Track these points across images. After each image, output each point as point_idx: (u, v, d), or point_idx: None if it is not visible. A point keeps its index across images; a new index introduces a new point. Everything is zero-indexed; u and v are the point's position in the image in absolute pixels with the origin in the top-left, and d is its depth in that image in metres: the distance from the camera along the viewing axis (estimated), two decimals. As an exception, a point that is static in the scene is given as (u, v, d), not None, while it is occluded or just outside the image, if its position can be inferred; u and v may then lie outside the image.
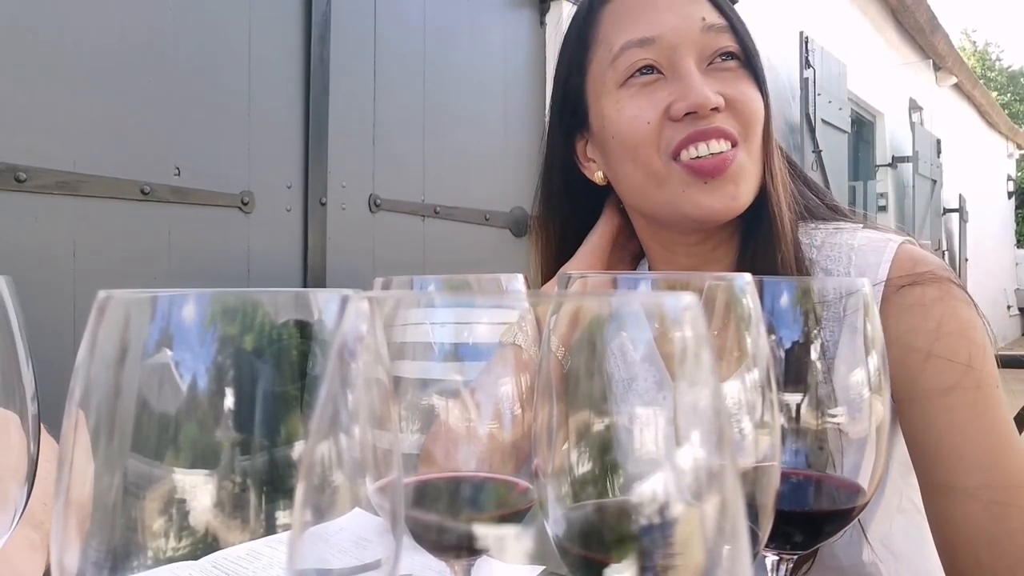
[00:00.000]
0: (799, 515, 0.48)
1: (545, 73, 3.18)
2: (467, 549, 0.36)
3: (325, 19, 2.35)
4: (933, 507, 0.76)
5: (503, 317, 0.41)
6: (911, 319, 0.77)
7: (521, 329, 0.40)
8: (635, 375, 0.29)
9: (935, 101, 9.39)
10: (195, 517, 0.29)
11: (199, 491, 0.29)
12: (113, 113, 1.88)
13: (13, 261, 1.69)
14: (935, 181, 8.99)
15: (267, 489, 0.30)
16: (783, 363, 0.47)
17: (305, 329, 0.31)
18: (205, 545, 0.29)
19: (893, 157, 8.05)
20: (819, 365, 0.47)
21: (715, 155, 0.83)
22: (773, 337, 0.47)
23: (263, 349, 0.30)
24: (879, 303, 0.78)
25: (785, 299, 0.47)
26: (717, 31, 0.85)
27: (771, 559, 0.48)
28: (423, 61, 2.69)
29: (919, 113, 8.82)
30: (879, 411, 0.47)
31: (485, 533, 0.36)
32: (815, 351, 0.47)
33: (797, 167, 0.96)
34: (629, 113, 0.87)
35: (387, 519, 0.28)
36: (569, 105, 0.95)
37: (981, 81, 12.47)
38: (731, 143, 0.83)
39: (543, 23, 3.19)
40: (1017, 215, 17.28)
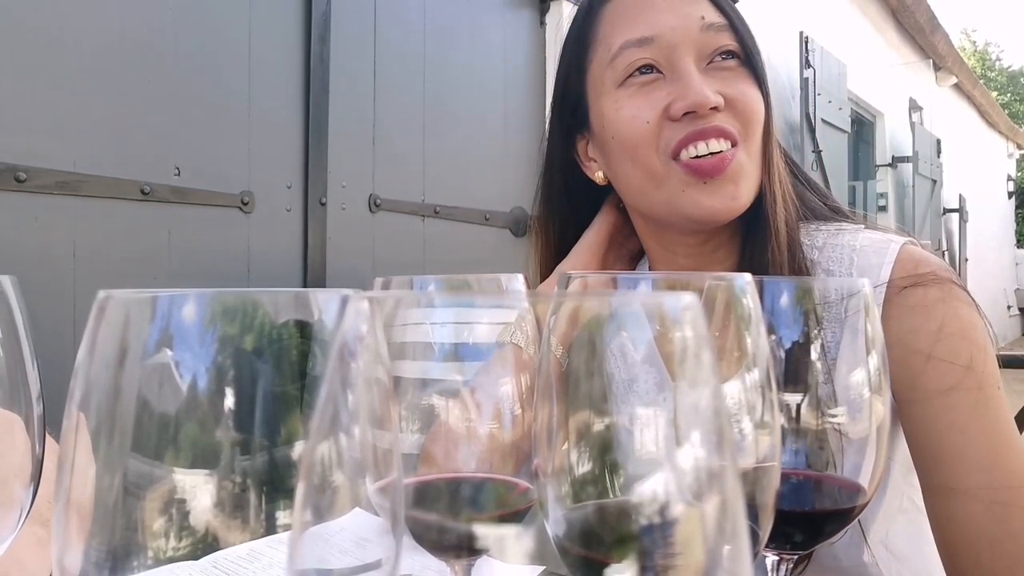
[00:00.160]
0: (799, 515, 0.48)
1: (545, 73, 3.18)
2: (467, 549, 0.36)
3: (325, 19, 2.35)
4: (934, 507, 0.76)
5: (503, 317, 0.41)
6: (913, 320, 0.77)
7: (520, 328, 0.40)
8: (635, 375, 0.29)
9: (935, 101, 9.39)
10: (195, 517, 0.29)
11: (199, 491, 0.29)
12: (113, 113, 1.87)
13: (13, 261, 1.69)
14: (935, 181, 8.99)
15: (267, 489, 0.30)
16: (783, 363, 0.47)
17: (305, 329, 0.31)
18: (205, 545, 0.29)
19: (893, 157, 8.05)
20: (819, 365, 0.47)
21: (714, 154, 0.83)
22: (773, 337, 0.47)
23: (263, 349, 0.30)
24: (881, 304, 0.78)
25: (785, 299, 0.47)
26: (716, 30, 0.85)
27: (771, 559, 0.48)
28: (423, 61, 2.69)
29: (919, 113, 8.82)
30: (879, 411, 0.47)
31: (485, 533, 0.36)
32: (815, 351, 0.47)
33: (799, 168, 0.96)
34: (628, 113, 0.87)
35: (387, 519, 0.28)
36: (569, 105, 0.94)
37: (981, 81, 12.46)
38: (731, 142, 0.83)
39: (543, 23, 3.19)
40: (1017, 215, 17.28)
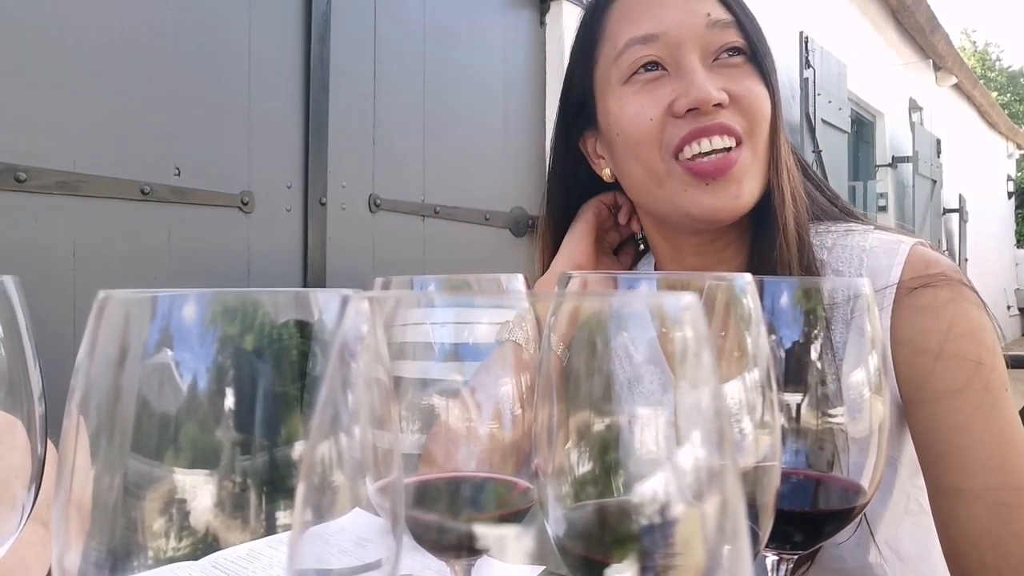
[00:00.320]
0: (799, 515, 0.48)
1: (545, 73, 3.18)
2: (467, 549, 0.36)
3: (325, 19, 2.35)
4: (940, 508, 0.76)
5: (503, 317, 0.41)
6: (923, 320, 0.77)
7: (519, 327, 0.40)
8: (636, 375, 0.29)
9: (935, 101, 9.39)
10: (195, 517, 0.29)
11: (199, 491, 0.29)
12: (113, 113, 1.87)
13: (13, 261, 1.69)
14: (935, 181, 8.99)
15: (267, 489, 0.30)
16: (783, 363, 0.47)
17: (305, 329, 0.31)
18: (205, 545, 0.29)
19: (893, 157, 8.05)
20: (819, 365, 0.47)
21: (717, 152, 0.82)
22: (773, 337, 0.47)
23: (263, 349, 0.30)
24: (891, 305, 0.78)
25: (785, 299, 0.47)
26: (723, 26, 0.84)
27: (771, 559, 0.48)
28: (423, 61, 2.69)
29: (919, 113, 8.81)
30: (879, 411, 0.47)
31: (485, 533, 0.36)
32: (815, 351, 0.47)
33: (809, 168, 0.95)
34: (631, 110, 0.86)
35: (387, 519, 0.28)
36: (578, 102, 0.94)
37: (981, 81, 12.46)
38: (735, 140, 0.83)
39: (543, 23, 3.19)
40: (1017, 215, 17.28)
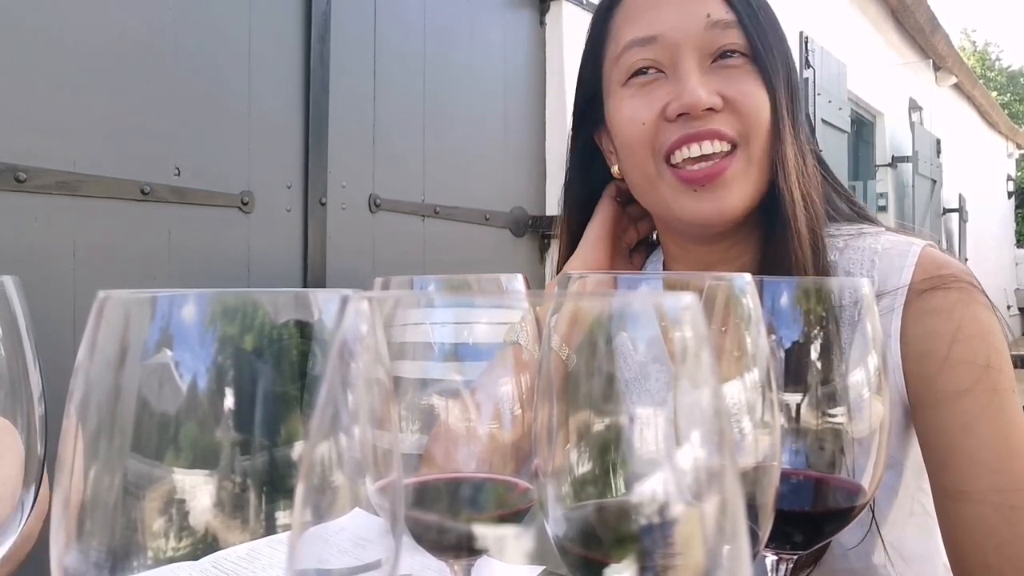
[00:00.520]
0: (799, 515, 0.48)
1: (545, 73, 3.17)
2: (467, 549, 0.36)
3: (325, 19, 2.35)
4: (945, 510, 0.75)
5: (503, 317, 0.41)
6: (933, 322, 0.77)
7: (524, 328, 0.40)
8: (635, 375, 0.29)
9: (935, 101, 9.38)
10: (195, 517, 0.29)
11: (199, 491, 0.29)
12: (113, 113, 1.87)
13: (13, 261, 1.69)
14: (935, 181, 8.99)
15: (267, 489, 0.30)
16: (783, 363, 0.47)
17: (305, 329, 0.31)
18: (205, 545, 0.29)
19: (893, 157, 8.04)
20: (819, 365, 0.47)
21: (707, 157, 0.82)
22: (773, 337, 0.47)
23: (263, 349, 0.30)
24: (902, 307, 0.78)
25: (785, 299, 0.47)
26: (723, 27, 0.83)
27: (771, 559, 0.48)
28: (423, 61, 2.69)
29: (919, 113, 8.81)
30: (879, 411, 0.47)
31: (485, 533, 0.36)
32: (815, 351, 0.47)
33: (828, 169, 0.93)
34: (626, 114, 0.87)
35: (387, 519, 0.28)
36: (589, 98, 0.95)
37: (981, 81, 12.46)
38: (729, 144, 0.82)
39: (543, 23, 3.19)
40: (1017, 215, 17.27)
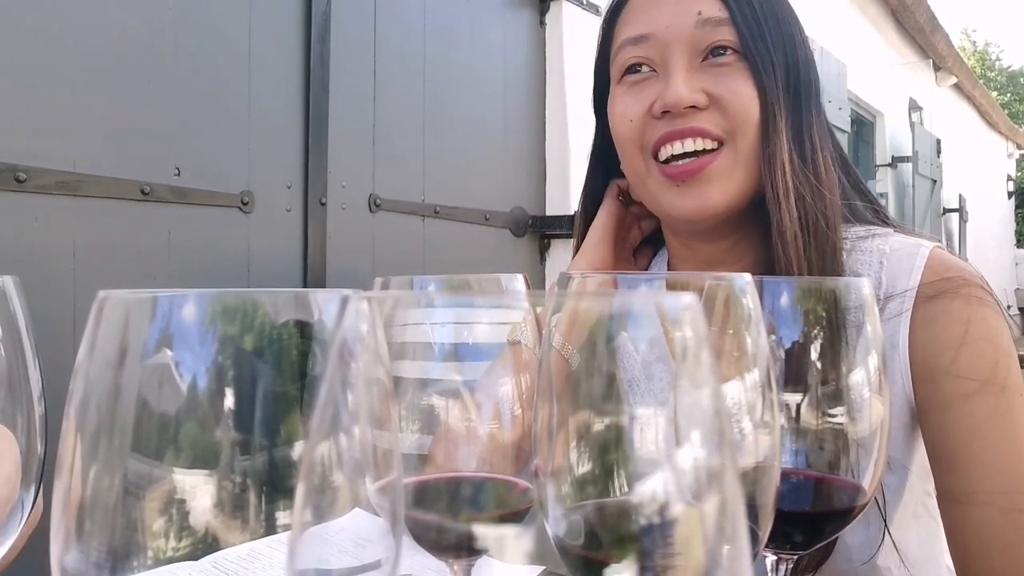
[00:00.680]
0: (799, 515, 0.48)
1: (545, 73, 3.17)
2: (467, 549, 0.36)
3: (325, 19, 2.35)
4: (951, 513, 0.75)
5: (503, 317, 0.41)
6: (941, 324, 0.77)
7: (525, 328, 0.40)
8: (635, 375, 0.29)
9: (935, 101, 9.38)
10: (195, 517, 0.29)
11: (199, 491, 0.29)
12: (113, 113, 1.87)
13: (13, 261, 1.69)
14: (935, 181, 8.99)
15: (267, 489, 0.30)
16: (783, 363, 0.47)
17: (305, 329, 0.31)
18: (205, 545, 0.29)
19: (893, 157, 8.04)
20: (819, 365, 0.47)
21: (690, 155, 0.83)
22: (773, 337, 0.47)
23: (263, 349, 0.30)
24: (911, 309, 0.78)
25: (785, 299, 0.47)
26: (714, 24, 0.83)
27: (771, 559, 0.48)
28: (423, 61, 2.69)
29: (919, 113, 8.81)
30: (879, 411, 0.47)
31: (485, 533, 0.36)
32: (815, 351, 0.47)
33: (850, 169, 0.92)
34: (618, 110, 0.89)
35: (387, 519, 0.28)
36: (602, 92, 0.96)
37: (981, 81, 12.45)
38: (714, 141, 0.82)
39: (543, 23, 3.19)
40: (1017, 215, 17.27)
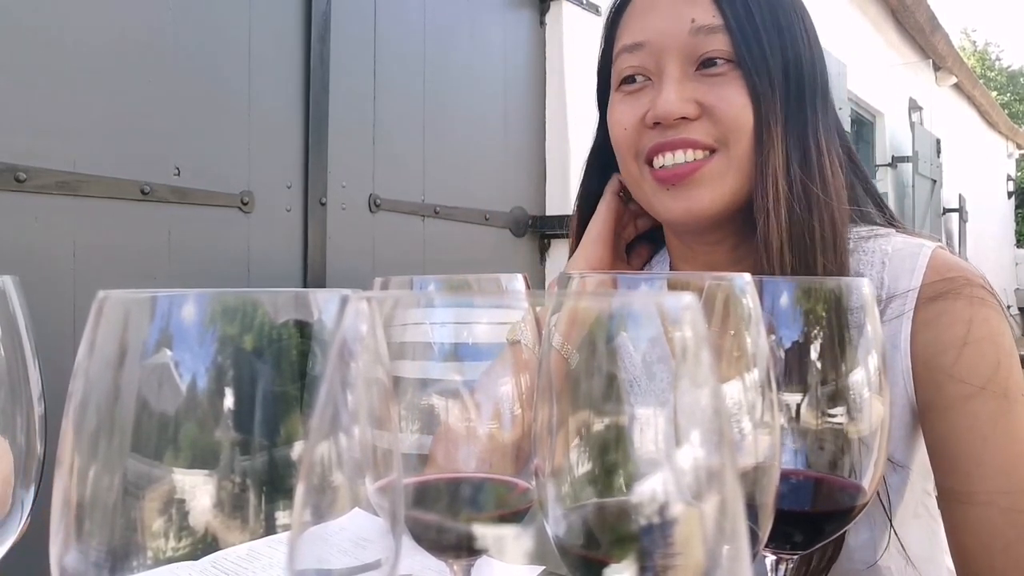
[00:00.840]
0: (799, 515, 0.48)
1: (545, 73, 3.17)
2: (467, 549, 0.36)
3: (325, 19, 2.35)
4: (951, 512, 0.75)
5: (503, 317, 0.41)
6: (943, 325, 0.77)
7: (525, 328, 0.40)
8: (635, 375, 0.29)
9: (935, 101, 9.38)
10: (195, 517, 0.29)
11: (199, 491, 0.29)
12: (113, 113, 1.87)
13: (13, 261, 1.69)
14: (935, 181, 8.98)
15: (267, 489, 0.30)
16: (783, 363, 0.47)
17: (305, 329, 0.31)
18: (205, 545, 0.29)
19: (893, 157, 8.04)
20: (819, 365, 0.47)
21: (680, 165, 0.83)
22: (773, 337, 0.47)
23: (263, 349, 0.30)
24: (913, 310, 0.78)
25: (785, 299, 0.47)
26: (707, 33, 0.82)
27: (771, 559, 0.48)
28: (423, 61, 2.69)
29: (919, 113, 8.80)
30: (879, 411, 0.47)
31: (485, 533, 0.36)
32: (815, 351, 0.47)
33: (861, 173, 0.92)
34: (615, 118, 0.90)
35: (387, 519, 0.28)
36: (605, 98, 0.96)
37: (981, 81, 12.45)
38: (705, 150, 0.83)
39: (543, 23, 3.19)
40: (1017, 215, 17.26)
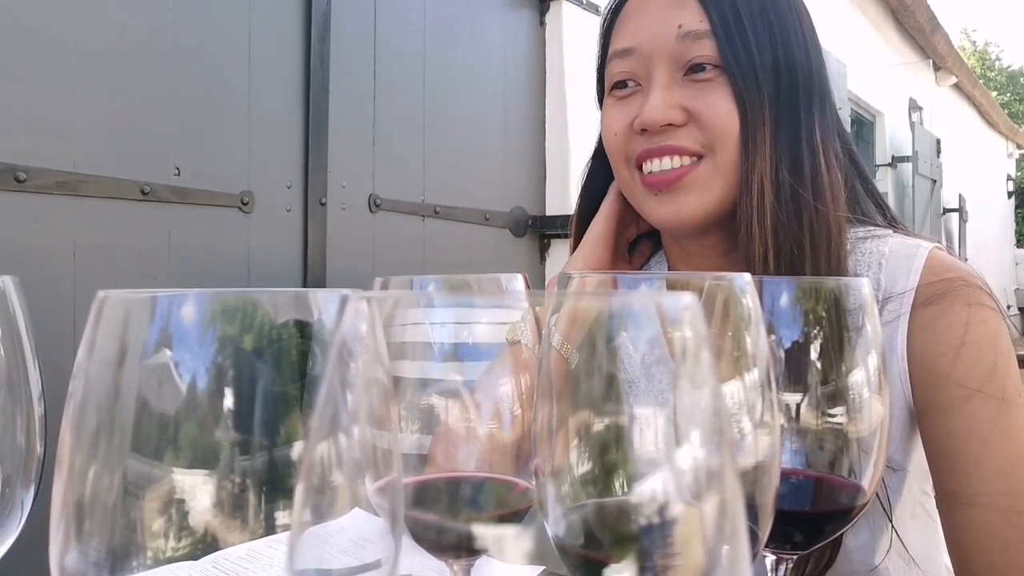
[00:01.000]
0: (799, 515, 0.48)
1: (545, 73, 3.17)
2: (467, 549, 0.36)
3: (325, 19, 2.35)
4: (950, 513, 0.75)
5: (503, 317, 0.41)
6: (940, 326, 0.76)
7: (525, 328, 0.40)
8: (635, 375, 0.29)
9: (935, 101, 9.38)
10: (195, 517, 0.29)
11: (199, 491, 0.29)
12: (113, 113, 1.87)
13: (13, 261, 1.69)
14: (935, 181, 8.98)
15: (267, 489, 0.30)
16: (783, 363, 0.47)
17: (305, 329, 0.31)
18: (205, 545, 0.29)
19: (893, 157, 8.04)
20: (819, 365, 0.47)
21: (666, 171, 0.83)
22: (773, 337, 0.47)
23: (263, 349, 0.30)
24: (909, 311, 0.78)
25: (785, 299, 0.47)
26: (694, 39, 0.81)
27: (771, 559, 0.48)
28: (423, 61, 2.69)
29: (919, 113, 8.80)
30: (879, 411, 0.47)
31: (485, 533, 0.36)
32: (815, 351, 0.47)
33: (861, 166, 0.91)
34: (606, 123, 0.90)
35: (387, 519, 0.28)
36: (601, 93, 0.96)
37: (981, 81, 12.45)
38: (692, 156, 0.83)
39: (543, 23, 3.19)
40: (1017, 215, 17.25)
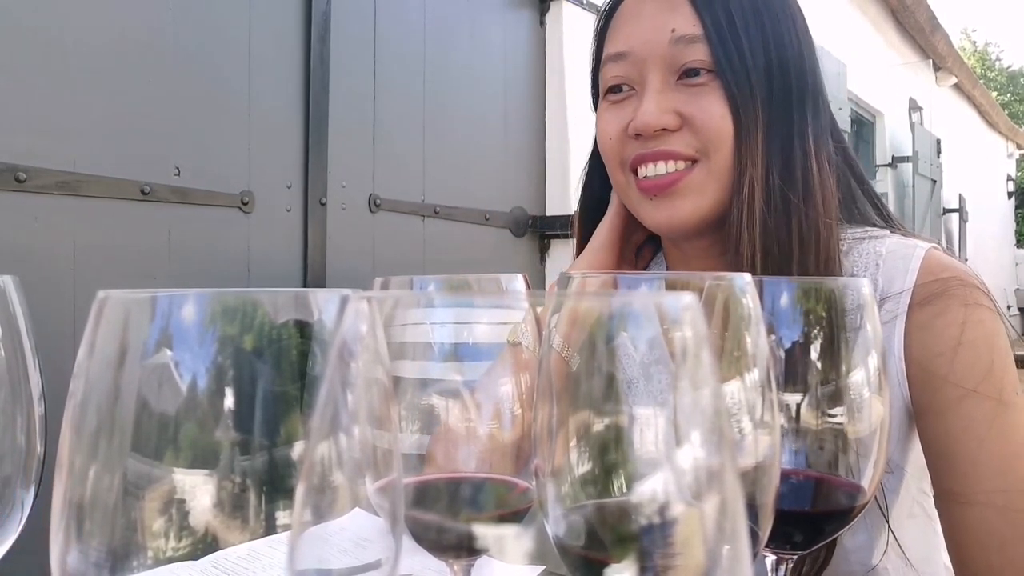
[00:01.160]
0: (799, 515, 0.48)
1: (545, 73, 3.17)
2: (467, 549, 0.36)
3: (325, 19, 2.35)
4: (948, 512, 0.76)
5: (503, 317, 0.41)
6: (937, 326, 0.77)
7: (525, 329, 0.40)
8: (635, 375, 0.29)
9: (935, 101, 9.38)
10: (195, 517, 0.29)
11: (199, 491, 0.29)
12: (113, 113, 1.87)
13: (13, 261, 1.69)
14: (935, 181, 8.98)
15: (267, 489, 0.30)
16: (783, 363, 0.47)
17: (305, 329, 0.31)
18: (205, 545, 0.29)
19: (893, 157, 8.04)
20: (819, 365, 0.47)
21: (661, 176, 0.83)
22: (773, 337, 0.47)
23: (263, 349, 0.30)
24: (906, 310, 0.78)
25: (785, 299, 0.47)
26: (687, 42, 0.81)
27: (771, 559, 0.48)
28: (423, 61, 2.69)
29: (919, 113, 8.80)
30: (879, 411, 0.47)
31: (485, 533, 0.36)
32: (815, 351, 0.47)
33: (856, 166, 0.91)
34: (601, 127, 0.90)
35: (387, 519, 0.28)
36: (596, 95, 0.96)
37: (981, 81, 12.44)
38: (686, 161, 0.83)
39: (543, 23, 3.19)
40: (1017, 215, 17.25)
